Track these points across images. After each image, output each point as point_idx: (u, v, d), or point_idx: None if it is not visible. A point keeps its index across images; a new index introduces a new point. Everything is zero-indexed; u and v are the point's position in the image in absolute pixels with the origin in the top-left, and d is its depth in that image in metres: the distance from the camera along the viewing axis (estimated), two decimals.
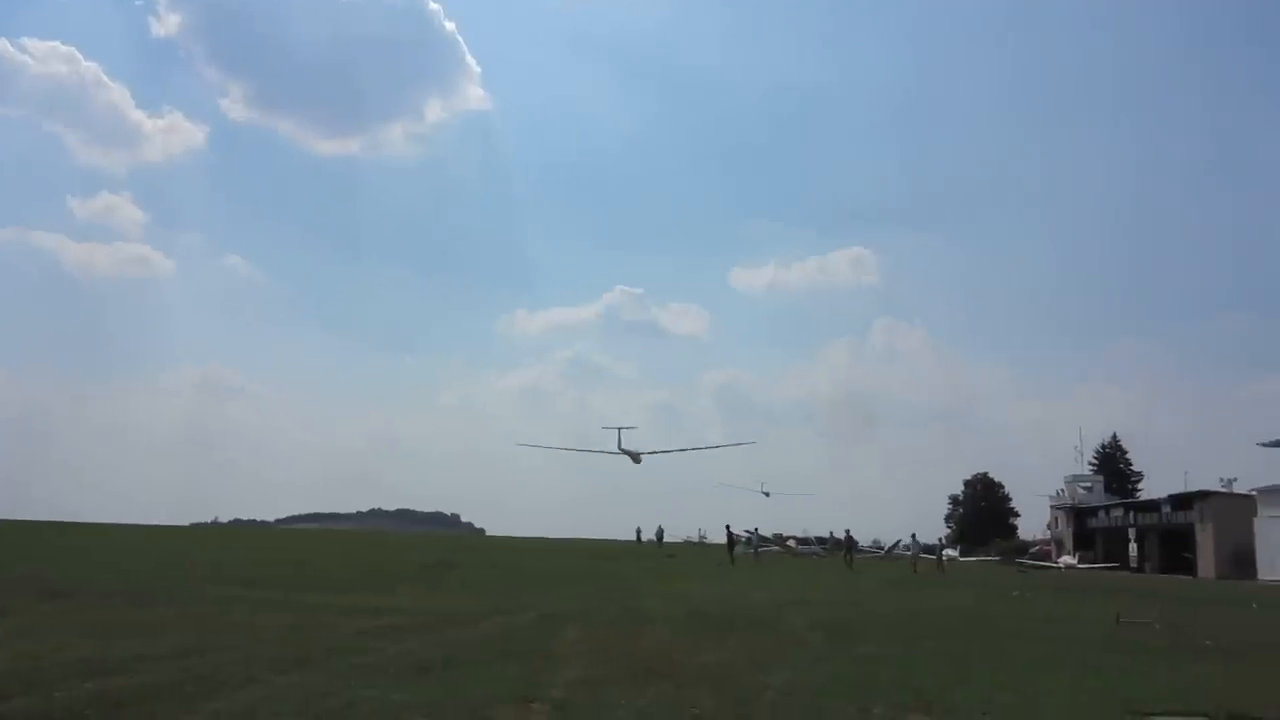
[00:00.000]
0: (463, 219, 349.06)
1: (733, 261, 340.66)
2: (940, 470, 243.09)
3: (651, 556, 70.44)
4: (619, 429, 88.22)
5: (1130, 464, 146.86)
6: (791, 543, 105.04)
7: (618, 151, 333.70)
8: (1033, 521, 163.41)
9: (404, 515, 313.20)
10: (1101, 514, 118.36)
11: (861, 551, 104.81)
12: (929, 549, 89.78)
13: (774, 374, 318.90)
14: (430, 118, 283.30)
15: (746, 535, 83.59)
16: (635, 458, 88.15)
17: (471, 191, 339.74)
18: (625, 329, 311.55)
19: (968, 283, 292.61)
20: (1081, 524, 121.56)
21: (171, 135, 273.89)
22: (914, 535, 73.11)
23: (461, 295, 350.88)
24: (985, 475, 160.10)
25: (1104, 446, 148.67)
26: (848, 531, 72.54)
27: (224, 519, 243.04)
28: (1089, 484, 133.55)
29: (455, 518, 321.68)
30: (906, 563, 67.05)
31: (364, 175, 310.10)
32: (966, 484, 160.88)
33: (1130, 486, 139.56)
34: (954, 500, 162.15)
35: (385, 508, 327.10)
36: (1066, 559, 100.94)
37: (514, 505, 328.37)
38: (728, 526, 74.58)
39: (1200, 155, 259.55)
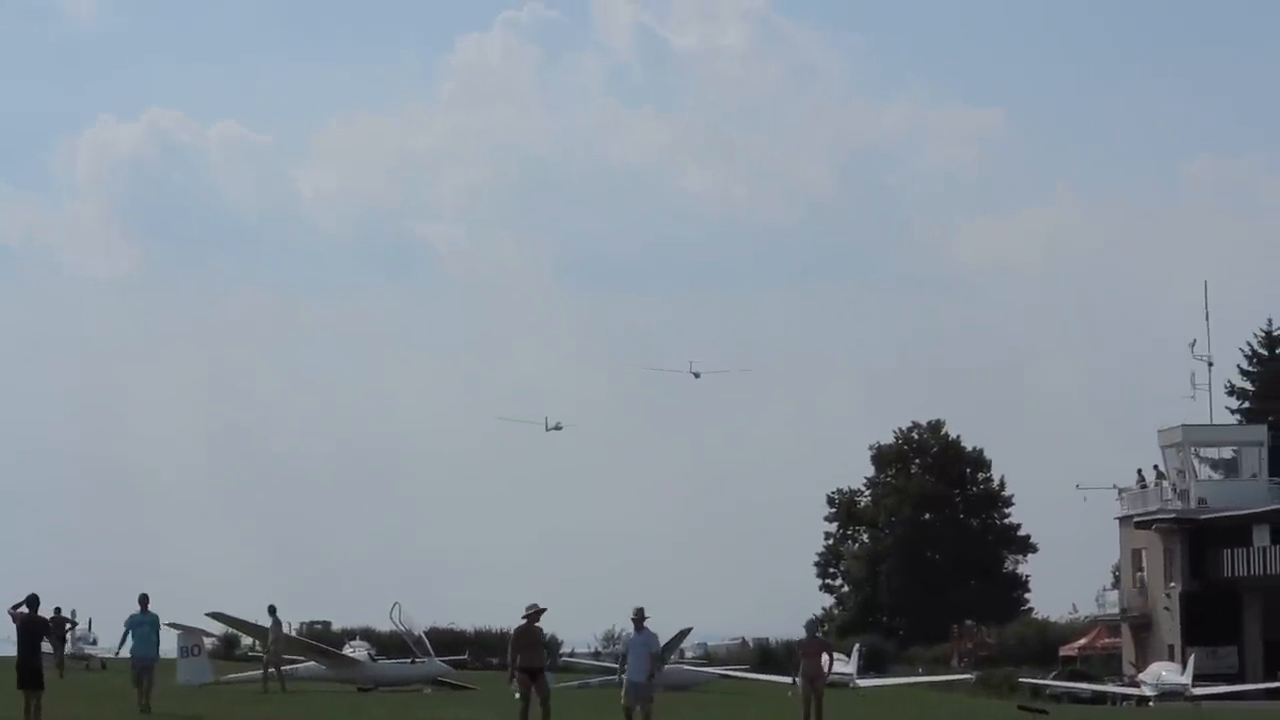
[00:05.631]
0: None
1: None
2: (798, 418, 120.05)
3: None
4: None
5: None
6: (359, 650, 40.67)
7: None
8: (1066, 568, 76.02)
9: None
10: (1262, 536, 51.19)
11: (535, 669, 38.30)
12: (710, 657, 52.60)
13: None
14: None
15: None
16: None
17: None
18: None
19: None
20: (1205, 566, 53.74)
21: None
22: (639, 613, 18.83)
23: None
24: (935, 427, 73.25)
25: (1268, 332, 67.70)
26: (272, 610, 32.15)
27: None
28: (1231, 449, 57.46)
29: None
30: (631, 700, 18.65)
31: None
32: (878, 457, 73.50)
33: None
34: (842, 504, 74.09)
35: None
36: (1162, 670, 48.07)
37: None
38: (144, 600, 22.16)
39: None
